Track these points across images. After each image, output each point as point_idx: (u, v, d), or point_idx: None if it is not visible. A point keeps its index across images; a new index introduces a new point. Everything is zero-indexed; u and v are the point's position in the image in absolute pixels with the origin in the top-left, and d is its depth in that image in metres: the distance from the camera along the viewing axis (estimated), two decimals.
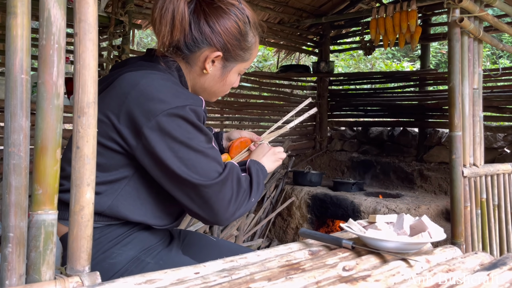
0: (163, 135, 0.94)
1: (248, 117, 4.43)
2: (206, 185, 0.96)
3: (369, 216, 1.09)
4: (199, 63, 1.08)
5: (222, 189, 0.99)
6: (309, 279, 0.78)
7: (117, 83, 1.00)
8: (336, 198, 3.43)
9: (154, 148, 0.94)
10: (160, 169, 0.97)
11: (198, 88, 1.13)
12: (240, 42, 1.07)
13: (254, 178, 1.11)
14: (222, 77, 1.11)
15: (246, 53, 1.11)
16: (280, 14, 4.39)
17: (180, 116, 0.94)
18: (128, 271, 1.00)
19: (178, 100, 0.95)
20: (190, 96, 1.00)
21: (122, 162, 0.99)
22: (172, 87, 0.99)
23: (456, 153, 1.89)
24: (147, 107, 0.93)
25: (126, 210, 1.00)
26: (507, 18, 3.57)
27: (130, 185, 1.01)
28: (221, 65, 1.09)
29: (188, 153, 0.96)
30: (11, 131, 0.64)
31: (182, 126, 0.95)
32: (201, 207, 1.00)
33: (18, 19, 0.63)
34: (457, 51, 1.90)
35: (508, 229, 2.15)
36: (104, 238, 1.01)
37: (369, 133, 4.64)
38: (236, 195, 1.03)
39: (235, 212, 1.03)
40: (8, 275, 0.65)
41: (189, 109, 0.95)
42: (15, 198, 0.65)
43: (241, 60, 1.11)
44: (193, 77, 1.11)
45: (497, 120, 3.85)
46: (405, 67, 8.05)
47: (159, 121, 0.93)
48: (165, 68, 1.06)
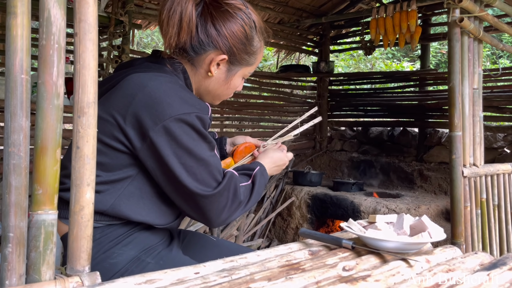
0: (168, 140, 0.95)
1: (248, 117, 4.43)
2: (203, 195, 0.98)
3: (369, 216, 1.09)
4: (204, 65, 1.08)
5: (218, 199, 1.01)
6: (309, 279, 0.78)
7: (124, 84, 1.01)
8: (336, 198, 3.43)
9: (158, 151, 0.95)
10: (162, 172, 0.98)
11: (203, 91, 1.14)
12: (245, 46, 1.08)
13: (255, 188, 1.13)
14: (226, 80, 1.12)
15: (251, 57, 1.12)
16: (280, 14, 4.39)
17: (187, 123, 0.95)
18: (128, 271, 1.00)
19: (186, 106, 0.96)
20: (197, 102, 1.00)
21: (126, 162, 1.00)
22: (180, 91, 0.99)
23: (456, 153, 1.89)
24: (155, 111, 0.94)
25: (128, 209, 1.01)
26: (507, 18, 3.57)
27: (133, 185, 1.01)
28: (226, 68, 1.10)
29: (191, 160, 0.97)
30: (11, 131, 0.64)
31: (188, 132, 0.96)
32: (196, 212, 1.03)
33: (18, 19, 0.63)
34: (457, 51, 1.90)
35: (508, 229, 2.15)
36: (105, 238, 1.01)
37: (369, 133, 4.64)
38: (231, 204, 1.04)
39: (227, 219, 1.06)
40: (8, 275, 0.65)
41: (196, 116, 0.96)
42: (15, 198, 0.65)
43: (246, 64, 1.12)
44: (198, 80, 1.11)
45: (497, 120, 3.85)
46: (405, 67, 8.05)
47: (165, 126, 0.94)
48: (171, 70, 1.07)
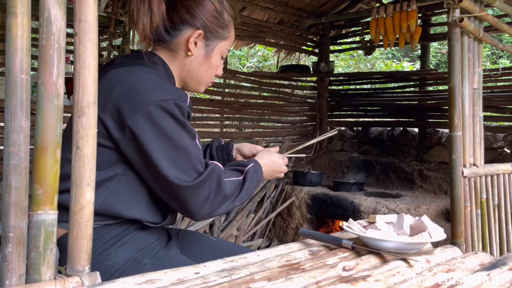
0: (146, 128, 0.94)
1: (248, 117, 4.42)
2: (182, 186, 0.96)
3: (369, 216, 1.09)
4: (182, 46, 1.11)
5: (198, 191, 0.98)
6: (309, 279, 0.78)
7: (103, 80, 1.01)
8: (336, 198, 3.43)
9: (137, 140, 0.95)
10: (142, 163, 0.97)
11: (185, 75, 1.15)
12: (217, 19, 1.12)
13: (246, 184, 1.10)
14: (206, 57, 1.14)
15: (225, 31, 1.15)
16: (280, 14, 4.38)
17: (164, 109, 0.95)
18: (125, 272, 0.99)
19: (163, 93, 0.97)
20: (175, 90, 1.01)
21: (111, 159, 0.99)
22: (157, 80, 1.00)
23: (456, 153, 1.89)
24: (132, 100, 0.94)
25: (119, 206, 1.00)
26: (507, 18, 3.57)
27: (122, 181, 1.01)
28: (204, 44, 1.12)
29: (170, 148, 0.96)
30: (11, 131, 0.64)
31: (166, 119, 0.95)
32: (177, 204, 1.01)
33: (18, 19, 0.63)
34: (457, 51, 1.90)
35: (508, 229, 2.15)
36: (100, 239, 1.01)
37: (369, 133, 4.64)
38: (214, 196, 1.01)
39: (212, 212, 1.03)
40: (8, 275, 0.65)
41: (173, 103, 0.96)
42: (15, 198, 0.65)
43: (221, 38, 1.15)
44: (179, 64, 1.13)
45: (497, 120, 3.85)
46: (405, 67, 8.05)
47: (143, 113, 0.94)
48: (150, 63, 1.08)
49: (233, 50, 6.91)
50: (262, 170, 1.18)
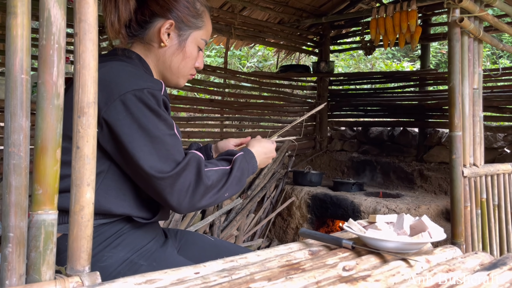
0: (120, 118, 0.93)
1: (248, 117, 4.42)
2: (159, 177, 0.93)
3: (369, 216, 1.09)
4: (155, 38, 1.11)
5: (176, 181, 0.95)
6: (309, 279, 0.78)
7: None
8: (336, 198, 3.43)
9: (113, 132, 0.94)
10: (120, 155, 0.96)
11: (161, 67, 1.14)
12: (189, 9, 1.11)
13: (233, 173, 1.06)
14: (180, 47, 1.13)
15: (198, 20, 1.14)
16: (280, 14, 4.39)
17: (138, 98, 0.94)
18: (120, 273, 0.98)
19: (136, 82, 0.96)
20: (149, 79, 1.00)
21: (96, 156, 0.99)
22: (131, 71, 1.00)
23: (456, 153, 1.89)
24: (106, 92, 0.93)
25: (108, 202, 0.99)
26: (507, 18, 3.57)
27: (108, 178, 1.00)
28: (177, 34, 1.12)
29: (144, 138, 0.94)
30: (11, 131, 0.64)
31: (139, 108, 0.94)
32: (157, 196, 0.98)
33: (18, 19, 0.63)
34: (457, 51, 1.90)
35: (508, 229, 2.15)
36: (94, 241, 0.99)
37: (369, 133, 4.64)
38: (194, 188, 0.98)
39: (195, 204, 0.99)
40: (8, 275, 0.65)
41: (147, 92, 0.95)
42: (15, 198, 0.65)
43: (194, 27, 1.14)
44: (154, 57, 1.13)
45: (497, 120, 3.85)
46: (405, 67, 8.05)
47: (116, 104, 0.93)
48: (125, 57, 1.08)
49: (233, 50, 6.91)
50: (256, 158, 1.16)
